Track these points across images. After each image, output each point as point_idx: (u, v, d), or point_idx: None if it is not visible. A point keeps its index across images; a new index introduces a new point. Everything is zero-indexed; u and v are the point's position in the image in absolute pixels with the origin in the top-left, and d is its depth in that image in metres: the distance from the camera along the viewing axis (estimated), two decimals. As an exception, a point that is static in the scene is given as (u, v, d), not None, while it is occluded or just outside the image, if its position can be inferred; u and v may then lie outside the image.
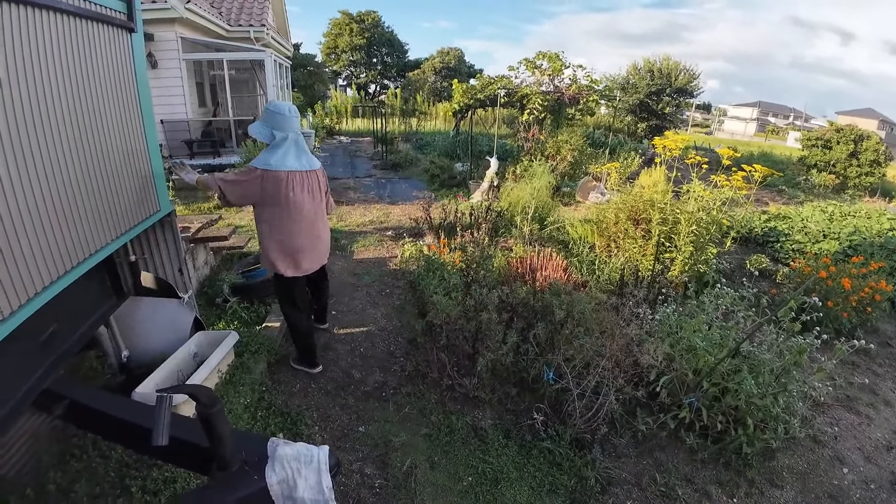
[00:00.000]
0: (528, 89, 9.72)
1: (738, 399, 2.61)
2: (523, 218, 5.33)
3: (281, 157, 2.73)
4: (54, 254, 2.03)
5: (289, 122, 2.77)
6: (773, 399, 2.61)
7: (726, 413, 2.66)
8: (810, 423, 2.90)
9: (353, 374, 3.12)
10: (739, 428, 2.61)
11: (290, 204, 2.75)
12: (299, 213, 2.79)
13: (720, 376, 2.71)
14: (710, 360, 2.75)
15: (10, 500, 2.07)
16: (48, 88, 1.98)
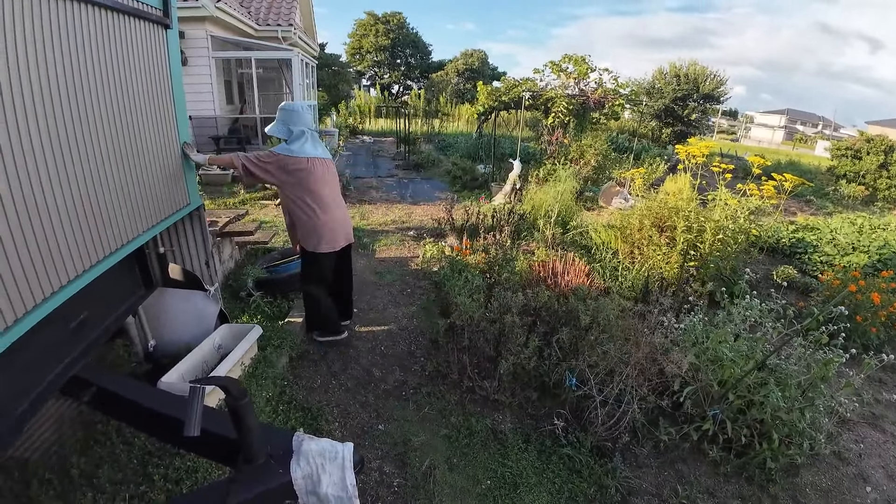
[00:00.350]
0: (553, 92, 9.65)
1: (764, 413, 2.55)
2: (546, 222, 5.29)
3: (300, 145, 2.98)
4: (87, 243, 2.08)
5: (302, 117, 3.03)
6: (799, 414, 2.54)
7: (751, 427, 2.59)
8: (835, 440, 2.82)
9: (374, 372, 3.13)
10: (764, 442, 2.54)
11: (320, 186, 3.04)
12: (329, 194, 3.11)
13: (746, 389, 2.65)
14: (737, 371, 2.69)
15: (33, 483, 2.10)
16: (85, 81, 2.03)
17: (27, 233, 1.68)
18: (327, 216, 3.09)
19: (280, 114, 3.06)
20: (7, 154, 1.58)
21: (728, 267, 4.69)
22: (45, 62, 1.76)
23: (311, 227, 3.09)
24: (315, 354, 3.32)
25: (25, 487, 2.07)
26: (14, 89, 1.61)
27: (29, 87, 1.67)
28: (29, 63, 1.67)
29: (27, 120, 1.67)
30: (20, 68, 1.62)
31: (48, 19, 1.80)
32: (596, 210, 7.91)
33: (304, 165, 2.95)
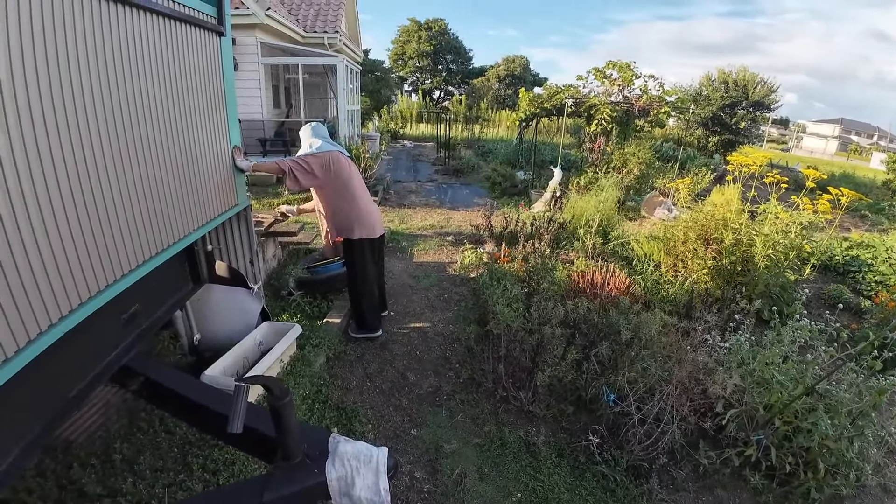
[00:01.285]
0: (596, 99, 9.49)
1: (811, 440, 2.41)
2: (586, 231, 5.19)
3: (322, 145, 3.36)
4: (142, 240, 2.18)
5: (320, 129, 3.51)
6: (847, 443, 2.39)
7: (796, 454, 2.46)
8: (882, 471, 2.63)
9: (409, 376, 3.15)
10: (809, 471, 2.40)
11: (355, 178, 3.40)
12: (361, 186, 3.45)
13: (793, 414, 2.51)
14: (785, 396, 2.55)
15: (75, 465, 2.20)
16: (145, 87, 2.13)
17: (85, 229, 1.77)
18: (365, 205, 3.42)
19: (303, 134, 3.54)
20: (79, 155, 1.68)
21: (778, 284, 4.48)
22: (107, 69, 1.85)
23: (353, 216, 3.37)
24: (351, 355, 3.36)
25: (67, 469, 2.17)
26: (85, 95, 1.71)
27: (91, 92, 1.77)
28: (90, 70, 1.76)
29: (88, 125, 1.76)
30: (91, 75, 1.72)
31: (115, 28, 1.90)
32: (638, 220, 7.72)
33: (337, 158, 3.30)
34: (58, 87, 1.57)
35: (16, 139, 1.39)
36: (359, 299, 3.56)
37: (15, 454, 1.57)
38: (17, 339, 1.42)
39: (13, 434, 1.54)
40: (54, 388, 1.82)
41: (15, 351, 1.42)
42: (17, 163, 1.40)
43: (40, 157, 1.50)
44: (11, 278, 1.39)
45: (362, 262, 3.47)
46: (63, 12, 1.59)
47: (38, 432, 1.67)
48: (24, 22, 1.42)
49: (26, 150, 1.45)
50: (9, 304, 1.38)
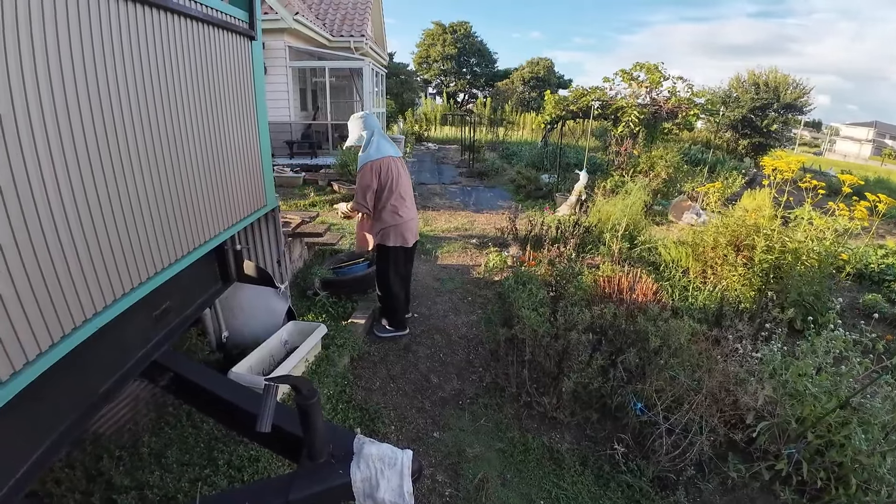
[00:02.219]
0: (623, 101, 9.36)
1: (844, 455, 2.32)
2: (612, 235, 5.12)
3: (376, 148, 3.28)
4: (175, 238, 2.23)
5: (371, 120, 3.37)
6: (881, 458, 2.28)
7: (828, 469, 2.37)
8: None
9: (432, 378, 3.14)
10: (840, 487, 2.31)
11: (398, 185, 3.31)
12: (404, 191, 3.37)
13: (826, 428, 2.42)
14: (818, 409, 2.46)
15: (104, 457, 2.24)
16: (178, 90, 2.18)
17: (120, 228, 1.82)
18: (407, 214, 3.38)
19: (352, 125, 3.37)
20: (115, 159, 1.73)
21: (811, 293, 4.33)
22: (143, 73, 1.90)
23: (390, 224, 3.34)
24: (375, 356, 3.38)
25: (96, 461, 2.22)
26: (122, 99, 1.76)
27: (126, 96, 1.81)
28: (126, 74, 1.81)
29: (125, 129, 1.81)
30: (127, 79, 1.77)
31: (150, 32, 1.95)
32: (665, 225, 7.57)
33: (386, 164, 3.25)
34: (95, 90, 1.61)
35: (54, 144, 1.44)
36: (386, 299, 3.59)
37: (45, 447, 1.60)
38: (52, 333, 1.46)
39: (44, 427, 1.58)
40: (86, 382, 1.86)
41: (49, 345, 1.46)
42: (55, 167, 1.45)
43: (78, 162, 1.55)
44: (48, 276, 1.43)
45: (394, 267, 3.49)
46: (100, 16, 1.64)
47: (69, 426, 1.71)
48: (61, 26, 1.47)
49: (64, 155, 1.49)
50: (45, 301, 1.42)
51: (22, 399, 1.35)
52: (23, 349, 1.36)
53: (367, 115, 3.41)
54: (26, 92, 1.32)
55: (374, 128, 3.34)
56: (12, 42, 1.28)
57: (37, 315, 1.40)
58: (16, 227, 1.30)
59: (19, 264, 1.32)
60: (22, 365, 1.36)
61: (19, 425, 1.45)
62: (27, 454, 1.50)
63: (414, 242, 3.54)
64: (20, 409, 1.39)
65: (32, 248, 1.37)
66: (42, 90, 1.39)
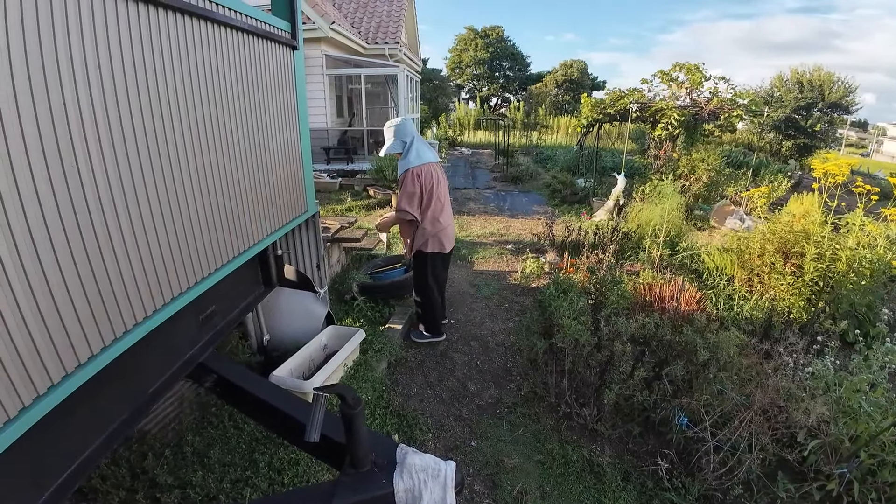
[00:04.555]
0: (663, 103, 9.11)
1: (896, 475, 2.18)
2: (653, 241, 4.98)
3: (416, 154, 3.27)
4: (221, 244, 2.29)
5: (408, 126, 3.34)
6: None
7: (879, 489, 2.22)
8: None
9: (469, 386, 3.12)
10: (891, 508, 2.17)
11: (436, 191, 3.30)
12: (444, 197, 3.39)
13: (880, 447, 2.28)
14: (872, 427, 2.32)
15: (149, 455, 2.30)
16: (225, 99, 2.25)
17: (171, 235, 1.88)
18: (446, 220, 3.39)
19: (389, 132, 3.35)
20: (167, 169, 1.79)
21: (864, 303, 4.10)
22: (191, 83, 1.96)
23: (432, 233, 3.34)
24: (412, 362, 3.39)
25: (141, 458, 2.28)
26: (173, 111, 1.82)
27: (176, 107, 1.87)
28: (176, 85, 1.87)
29: (175, 139, 1.87)
30: (177, 89, 1.83)
31: (198, 43, 2.02)
32: (707, 230, 7.33)
33: (427, 170, 3.25)
34: (146, 101, 1.67)
35: (108, 156, 1.49)
36: (424, 305, 3.59)
37: (95, 446, 1.64)
38: (104, 337, 1.52)
39: (94, 427, 1.63)
40: (135, 383, 1.92)
41: (101, 348, 1.51)
42: (109, 178, 1.51)
43: (133, 177, 1.61)
44: (101, 282, 1.48)
45: (431, 273, 3.49)
46: (150, 29, 1.70)
47: (119, 425, 1.75)
48: (123, 39, 1.54)
49: (118, 167, 1.55)
50: (98, 306, 1.47)
51: (73, 400, 1.39)
52: (75, 353, 1.41)
53: (404, 121, 3.38)
54: (80, 107, 1.37)
55: (412, 134, 3.32)
56: (64, 56, 1.33)
57: (90, 319, 1.44)
58: (72, 239, 1.35)
59: (74, 272, 1.38)
60: (74, 367, 1.41)
61: (70, 425, 1.50)
62: (77, 453, 1.55)
63: (451, 248, 3.54)
64: (72, 409, 1.44)
65: (87, 256, 1.42)
66: (96, 104, 1.43)
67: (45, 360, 1.32)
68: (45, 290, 1.28)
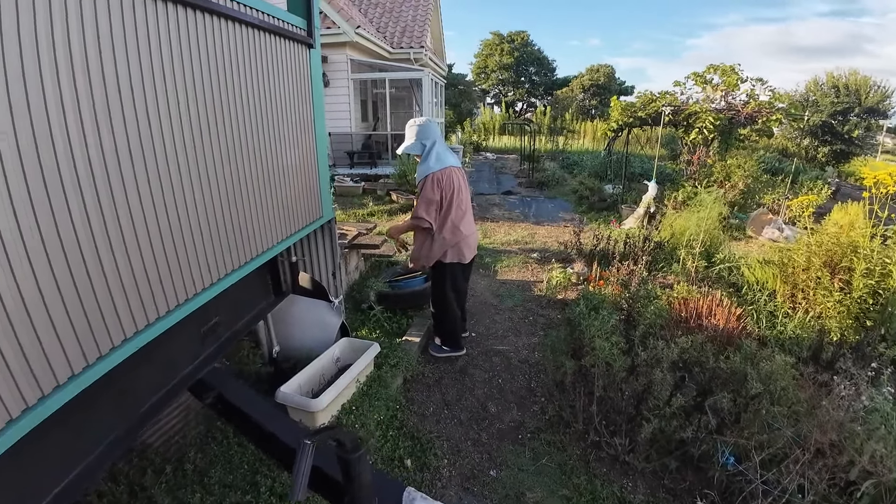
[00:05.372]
0: (697, 106, 8.73)
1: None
2: (688, 252, 4.68)
3: (437, 158, 3.08)
4: (225, 252, 2.16)
5: (431, 128, 3.15)
6: None
7: None
8: None
9: (489, 406, 2.91)
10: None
11: (457, 198, 3.11)
12: (463, 204, 3.18)
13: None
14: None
15: (148, 471, 2.19)
16: (230, 96, 2.11)
17: (167, 242, 1.75)
18: (467, 229, 3.19)
19: (410, 131, 3.17)
20: (163, 169, 1.66)
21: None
22: (194, 80, 1.83)
23: (452, 242, 3.15)
24: (429, 378, 3.20)
25: (141, 474, 2.16)
26: (172, 108, 1.69)
27: (175, 105, 1.74)
28: (176, 81, 1.74)
29: (174, 137, 1.75)
30: (176, 86, 1.69)
31: (202, 37, 1.89)
32: (744, 240, 6.95)
33: (451, 176, 3.07)
34: (141, 98, 1.55)
35: (94, 153, 1.37)
36: (442, 318, 3.41)
37: (81, 468, 1.54)
38: (88, 355, 1.38)
39: (79, 449, 1.53)
40: (127, 401, 1.80)
41: (83, 366, 1.38)
42: (95, 178, 1.38)
43: (121, 171, 1.48)
44: (84, 294, 1.35)
45: (450, 284, 3.30)
46: (157, 22, 1.58)
47: (108, 446, 1.65)
48: (127, 34, 1.41)
49: (104, 164, 1.42)
50: (79, 320, 1.34)
51: (52, 422, 1.28)
52: (53, 373, 1.28)
53: (428, 122, 3.18)
54: (63, 103, 1.25)
55: (434, 137, 3.12)
56: (62, 48, 1.21)
57: (69, 335, 1.32)
58: (48, 242, 1.22)
59: (51, 282, 1.24)
60: (52, 388, 1.28)
61: (52, 448, 1.40)
62: (60, 477, 1.44)
63: (472, 258, 3.34)
64: (48, 432, 1.33)
65: (68, 265, 1.29)
66: (96, 98, 1.34)
67: (18, 380, 1.19)
68: (17, 301, 1.15)
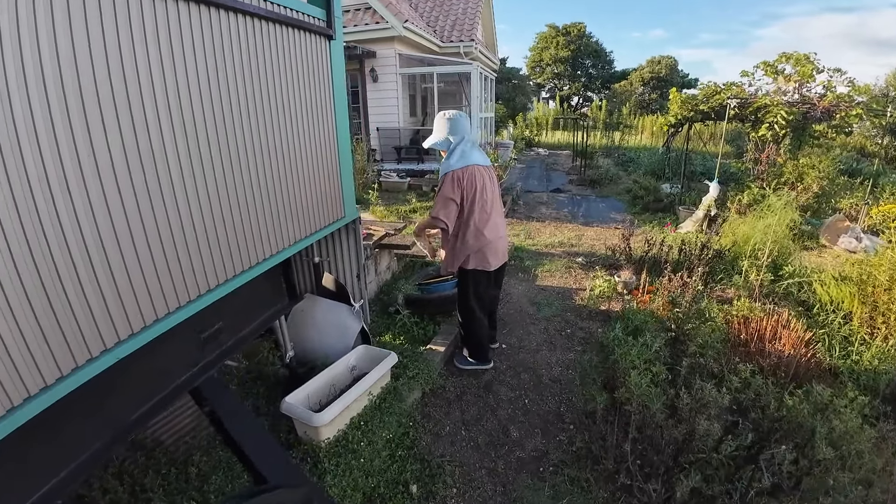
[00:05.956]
0: (767, 99, 7.94)
1: None
2: (752, 263, 4.18)
3: (460, 156, 2.86)
4: (229, 255, 2.04)
5: (460, 123, 2.90)
6: None
7: None
8: None
9: (511, 430, 2.65)
10: None
11: (481, 198, 2.87)
12: (490, 206, 2.93)
13: None
14: None
15: (150, 473, 2.13)
16: (240, 91, 1.98)
17: (166, 243, 1.65)
18: (491, 233, 2.94)
19: (439, 124, 2.95)
20: (161, 166, 1.56)
21: None
22: (196, 72, 1.71)
23: (475, 247, 2.92)
24: (450, 393, 2.98)
25: (144, 474, 2.10)
26: (171, 101, 1.58)
27: (175, 98, 1.62)
28: (177, 72, 1.63)
29: (174, 135, 1.64)
30: (177, 77, 1.55)
31: (220, 35, 1.78)
32: (816, 250, 6.23)
33: (473, 174, 2.84)
34: (136, 90, 1.45)
35: (82, 147, 1.27)
36: (467, 327, 3.17)
37: (61, 476, 1.47)
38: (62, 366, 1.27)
39: (60, 456, 1.48)
40: (113, 410, 1.73)
41: (72, 368, 1.34)
42: (83, 171, 1.28)
43: (97, 165, 1.36)
44: (57, 304, 1.27)
45: (473, 292, 3.05)
46: (155, 18, 1.48)
47: (92, 454, 1.58)
48: (120, 32, 1.30)
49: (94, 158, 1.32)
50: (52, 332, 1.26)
51: (35, 427, 1.26)
52: (40, 373, 1.25)
53: (459, 116, 2.94)
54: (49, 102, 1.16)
55: (462, 133, 2.89)
56: (65, 37, 1.10)
57: (57, 335, 1.29)
58: (32, 241, 1.18)
59: (38, 284, 1.20)
60: (38, 389, 1.25)
61: (32, 454, 1.37)
62: (38, 484, 1.40)
63: (500, 265, 3.08)
64: (33, 437, 1.31)
65: (54, 268, 1.25)
66: (100, 91, 1.30)
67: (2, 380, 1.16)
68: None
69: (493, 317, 3.43)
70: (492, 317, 3.41)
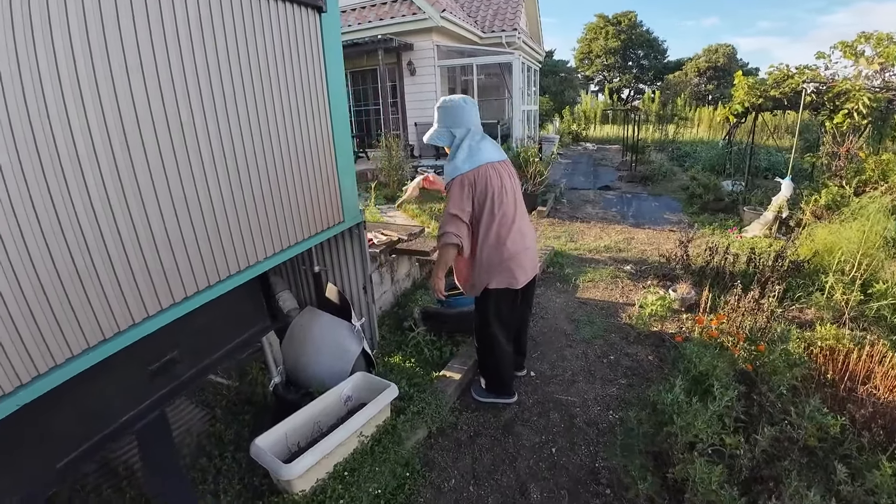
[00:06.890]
0: (849, 83, 6.91)
1: None
2: (837, 279, 3.44)
3: (467, 154, 2.32)
4: (182, 270, 1.68)
5: (465, 113, 2.36)
6: None
7: None
8: None
9: (531, 490, 2.10)
10: None
11: (499, 202, 2.31)
12: (509, 210, 2.36)
13: None
14: None
15: None
16: (192, 70, 1.59)
17: (77, 261, 1.29)
18: (516, 244, 2.37)
19: (437, 113, 2.42)
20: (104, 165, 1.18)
21: None
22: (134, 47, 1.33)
23: (497, 262, 2.36)
24: (462, 433, 2.48)
25: None
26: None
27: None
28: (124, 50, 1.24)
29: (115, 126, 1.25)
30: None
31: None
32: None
33: (487, 176, 2.29)
34: None
35: None
36: (485, 355, 2.66)
37: None
38: None
39: None
40: (36, 456, 1.46)
41: None
42: None
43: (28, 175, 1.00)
44: None
45: (495, 314, 2.52)
46: None
47: None
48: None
49: None
50: None
51: None
52: None
53: (459, 102, 2.38)
54: None
55: (468, 124, 2.36)
56: None
57: None
58: None
59: None
60: None
61: None
62: None
63: (527, 280, 2.50)
64: None
65: None
66: None
67: None
68: None
69: (520, 339, 2.90)
70: (519, 340, 2.88)
